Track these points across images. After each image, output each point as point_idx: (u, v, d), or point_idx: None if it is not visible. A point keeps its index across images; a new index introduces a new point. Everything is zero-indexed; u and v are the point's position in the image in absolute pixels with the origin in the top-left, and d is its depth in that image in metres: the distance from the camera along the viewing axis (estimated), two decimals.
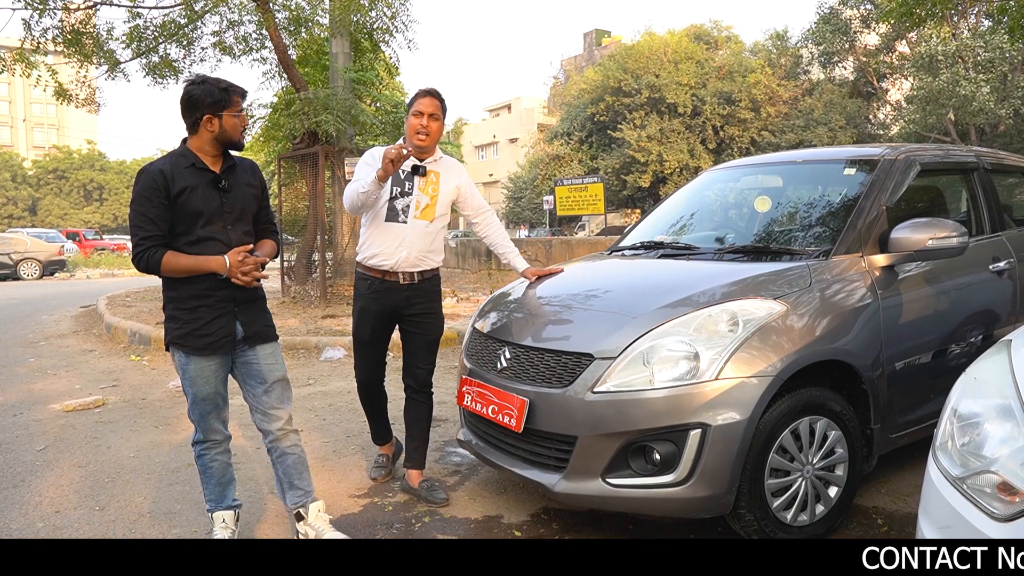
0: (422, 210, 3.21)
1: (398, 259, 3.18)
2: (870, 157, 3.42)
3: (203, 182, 2.52)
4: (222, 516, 2.72)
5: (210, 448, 2.69)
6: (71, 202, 54.91)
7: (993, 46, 17.20)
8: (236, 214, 2.60)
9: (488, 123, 55.42)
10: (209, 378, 2.59)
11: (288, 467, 2.75)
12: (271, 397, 2.70)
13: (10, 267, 19.85)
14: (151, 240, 2.44)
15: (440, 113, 3.19)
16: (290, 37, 10.70)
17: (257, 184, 2.71)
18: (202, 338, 2.54)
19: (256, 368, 2.68)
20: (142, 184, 2.45)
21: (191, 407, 2.65)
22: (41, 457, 3.95)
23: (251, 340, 2.66)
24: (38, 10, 9.45)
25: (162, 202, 2.44)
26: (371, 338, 3.32)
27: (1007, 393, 1.63)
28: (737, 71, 27.01)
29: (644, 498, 2.52)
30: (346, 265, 10.09)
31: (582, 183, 17.80)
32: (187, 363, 2.58)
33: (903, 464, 3.40)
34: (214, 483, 2.71)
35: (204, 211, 2.51)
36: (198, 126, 2.51)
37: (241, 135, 2.59)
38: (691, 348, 2.50)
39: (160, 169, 2.47)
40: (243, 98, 2.57)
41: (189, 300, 2.53)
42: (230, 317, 2.58)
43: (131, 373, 6.26)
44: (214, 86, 2.49)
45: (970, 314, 3.26)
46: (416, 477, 3.32)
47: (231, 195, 2.58)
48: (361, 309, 3.29)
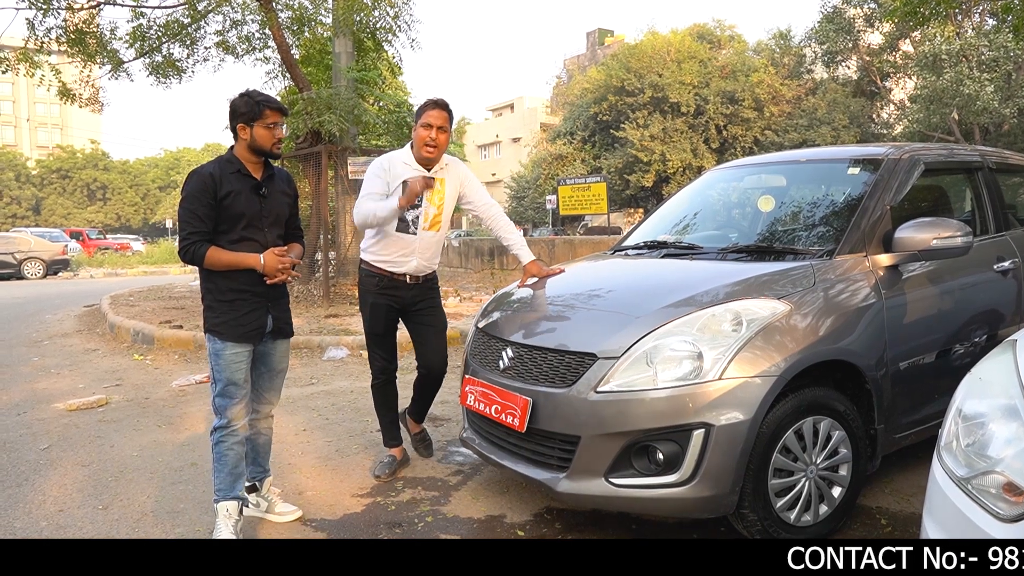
0: (431, 221, 3.37)
1: (407, 268, 3.37)
2: (874, 156, 3.41)
3: (246, 187, 2.79)
4: (226, 507, 2.81)
5: (229, 435, 2.84)
6: (75, 201, 55.06)
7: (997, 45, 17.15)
8: (272, 219, 2.88)
9: (491, 122, 55.43)
10: (241, 364, 2.82)
11: (258, 446, 3.07)
12: (273, 384, 3.03)
13: (14, 266, 19.90)
14: (197, 235, 2.70)
15: (448, 125, 3.32)
16: (293, 36, 10.71)
17: (291, 193, 3.01)
18: (239, 327, 2.80)
19: (271, 358, 2.98)
20: (193, 184, 2.71)
21: (220, 393, 2.82)
22: (45, 456, 3.96)
23: (275, 334, 2.95)
24: (42, 10, 9.48)
25: (210, 202, 2.70)
26: (384, 330, 3.47)
27: (1012, 393, 1.62)
28: (740, 70, 26.99)
29: (647, 498, 2.51)
30: (349, 264, 10.09)
31: (585, 183, 17.81)
32: (223, 349, 2.79)
33: (907, 464, 3.39)
34: (227, 471, 2.83)
35: (246, 213, 2.78)
36: (236, 134, 2.80)
37: (273, 146, 2.81)
38: (695, 348, 2.50)
39: (210, 172, 2.73)
40: (278, 113, 2.80)
41: (227, 292, 2.79)
42: (263, 311, 2.86)
43: (134, 372, 6.27)
44: (251, 98, 2.77)
45: (974, 314, 3.25)
46: (413, 427, 3.74)
47: (269, 201, 2.86)
48: (372, 305, 3.42)
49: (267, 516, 3.06)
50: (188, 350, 7.14)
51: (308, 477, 3.55)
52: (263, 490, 3.10)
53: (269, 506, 3.08)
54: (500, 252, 15.40)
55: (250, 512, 3.06)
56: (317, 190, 9.86)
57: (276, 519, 3.05)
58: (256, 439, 3.05)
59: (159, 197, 59.29)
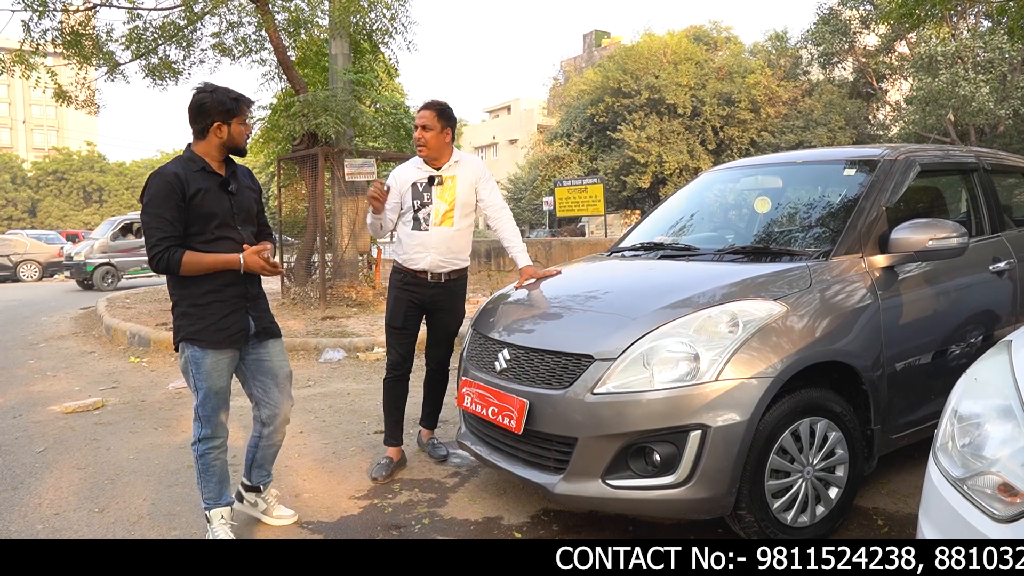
0: (441, 217, 3.51)
1: (423, 264, 3.52)
2: (870, 158, 3.42)
3: (213, 185, 2.66)
4: (220, 513, 2.80)
5: (214, 448, 2.76)
6: (71, 204, 54.91)
7: (992, 47, 17.20)
8: (243, 215, 2.77)
9: (488, 124, 55.42)
10: (223, 371, 2.71)
11: (268, 455, 3.01)
12: (282, 393, 2.91)
13: (10, 269, 19.86)
14: (169, 240, 2.54)
15: (434, 122, 3.46)
16: (289, 38, 10.69)
17: (256, 188, 2.90)
18: (219, 332, 2.66)
19: (268, 364, 2.86)
20: (157, 186, 2.55)
21: (203, 402, 2.71)
22: (40, 459, 3.95)
23: (261, 335, 2.83)
24: (38, 12, 9.45)
25: (179, 204, 2.56)
26: (402, 324, 3.60)
27: (1008, 394, 1.63)
28: (737, 72, 27.00)
29: (644, 499, 2.51)
30: (346, 267, 10.08)
31: (582, 184, 17.77)
32: (203, 357, 2.67)
33: (904, 465, 3.39)
34: (215, 482, 2.78)
35: (217, 212, 2.65)
36: (207, 132, 2.65)
37: (245, 142, 2.75)
38: (691, 349, 2.50)
39: (175, 172, 2.58)
40: (250, 108, 2.75)
41: (202, 296, 2.64)
42: (243, 312, 2.74)
43: (131, 375, 6.25)
44: (225, 95, 2.65)
45: (970, 315, 3.25)
46: (426, 435, 3.88)
47: (238, 197, 2.75)
48: (395, 298, 3.61)
49: (263, 518, 3.05)
50: None
51: (305, 479, 3.54)
52: (264, 492, 3.09)
53: (267, 508, 3.07)
54: (497, 254, 15.40)
55: (247, 510, 3.07)
56: (314, 192, 9.84)
57: (273, 522, 3.03)
58: (269, 449, 2.99)
59: None
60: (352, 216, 9.95)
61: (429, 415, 3.87)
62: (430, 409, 3.86)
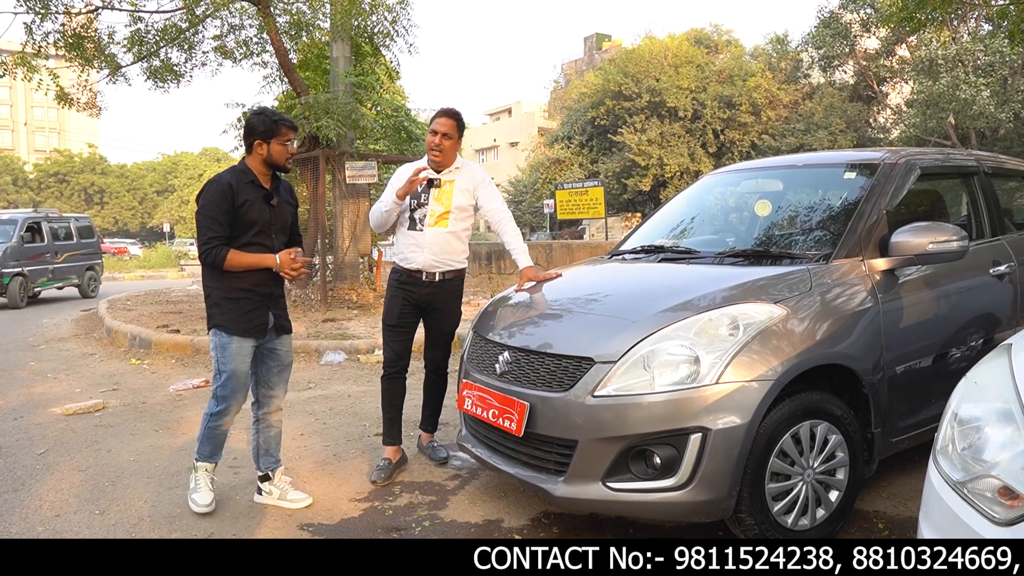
0: (436, 218, 3.58)
1: (418, 263, 3.58)
2: (870, 161, 3.42)
3: (258, 197, 3.04)
4: (206, 466, 3.19)
5: (224, 422, 3.12)
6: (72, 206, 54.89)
7: (993, 50, 17.24)
8: (279, 226, 3.15)
9: (488, 127, 55.48)
10: (246, 356, 3.09)
11: (270, 438, 3.30)
12: (282, 378, 3.28)
13: None
14: (218, 240, 2.95)
15: (454, 132, 3.57)
16: (291, 41, 10.72)
17: (293, 203, 3.29)
18: (245, 323, 3.05)
19: (279, 353, 3.24)
20: (212, 192, 2.96)
21: (224, 383, 3.07)
22: (41, 461, 3.95)
23: (278, 330, 3.21)
24: (40, 14, 9.48)
25: (228, 209, 2.96)
26: (397, 322, 3.65)
27: (1008, 397, 1.63)
28: (737, 75, 27.03)
29: (645, 502, 2.51)
30: (346, 269, 10.09)
31: (582, 187, 17.79)
32: (229, 342, 3.04)
33: (904, 468, 3.39)
34: (213, 445, 3.18)
35: (258, 221, 3.03)
36: (252, 149, 3.05)
37: (286, 161, 3.09)
38: (692, 352, 2.50)
39: (228, 182, 2.98)
40: (292, 131, 3.07)
41: (234, 291, 3.03)
42: (265, 309, 3.12)
43: (131, 377, 6.26)
44: (268, 117, 3.03)
45: (970, 318, 3.26)
46: (426, 439, 3.90)
47: (277, 210, 3.12)
48: (391, 297, 3.68)
49: (280, 503, 3.23)
50: (185, 354, 7.13)
51: (305, 482, 3.54)
52: (275, 479, 3.28)
53: (281, 493, 3.25)
54: (497, 256, 15.42)
55: (263, 500, 3.27)
56: (315, 194, 9.86)
57: (289, 506, 3.22)
58: (268, 431, 3.28)
59: (156, 201, 59.21)
60: (353, 219, 9.96)
61: (428, 418, 3.89)
62: (429, 412, 3.88)
